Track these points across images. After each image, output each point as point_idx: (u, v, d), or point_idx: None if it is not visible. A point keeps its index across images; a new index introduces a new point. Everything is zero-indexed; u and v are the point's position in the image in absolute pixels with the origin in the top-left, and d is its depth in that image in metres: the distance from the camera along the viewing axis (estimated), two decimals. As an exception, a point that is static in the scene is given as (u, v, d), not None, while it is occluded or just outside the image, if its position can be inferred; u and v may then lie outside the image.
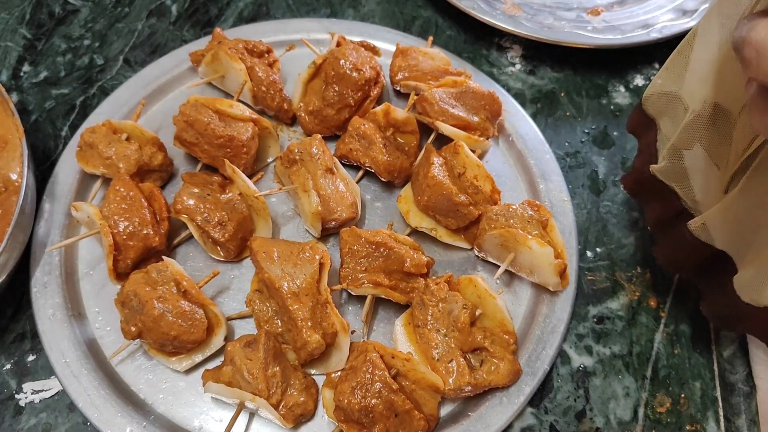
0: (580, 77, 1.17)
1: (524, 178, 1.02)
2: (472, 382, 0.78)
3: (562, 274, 0.87)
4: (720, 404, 0.88)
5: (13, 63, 1.12)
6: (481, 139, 0.98)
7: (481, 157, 0.99)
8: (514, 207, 0.89)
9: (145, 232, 0.84)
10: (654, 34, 1.13)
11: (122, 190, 0.86)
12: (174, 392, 0.81)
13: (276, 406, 0.75)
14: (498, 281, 0.90)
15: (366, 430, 0.75)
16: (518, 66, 1.18)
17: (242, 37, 1.07)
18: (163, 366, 0.82)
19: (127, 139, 0.94)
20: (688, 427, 0.86)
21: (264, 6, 1.22)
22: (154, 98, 1.05)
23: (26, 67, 1.11)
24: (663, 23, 1.15)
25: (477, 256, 0.94)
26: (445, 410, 0.82)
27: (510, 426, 0.84)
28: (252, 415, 0.80)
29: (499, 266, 0.89)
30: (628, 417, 0.86)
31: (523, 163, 1.03)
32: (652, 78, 1.18)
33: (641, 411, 0.86)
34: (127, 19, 1.18)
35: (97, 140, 0.91)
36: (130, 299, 0.78)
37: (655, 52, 1.22)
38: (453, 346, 0.81)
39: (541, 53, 1.19)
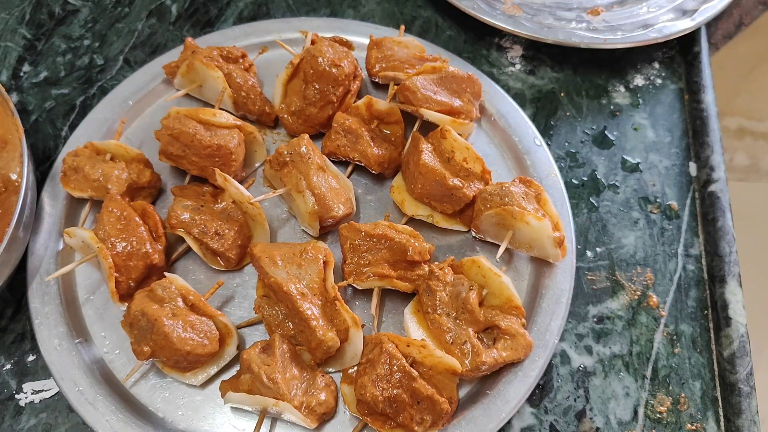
0: (580, 77, 1.17)
1: (510, 156, 1.03)
2: (488, 361, 0.79)
3: (561, 245, 0.88)
4: (720, 404, 0.88)
5: (13, 63, 1.11)
6: (466, 122, 0.99)
7: (465, 139, 0.99)
8: (506, 185, 0.89)
9: (144, 250, 0.83)
10: (654, 34, 1.13)
11: (116, 211, 0.84)
12: (193, 407, 0.81)
13: (299, 408, 0.75)
14: (499, 260, 0.91)
15: (391, 421, 0.76)
16: (518, 66, 1.18)
17: (213, 43, 1.06)
18: (178, 382, 0.82)
19: (112, 158, 0.92)
20: (688, 427, 0.86)
21: (264, 6, 1.22)
22: (130, 116, 1.03)
23: (26, 67, 1.11)
24: (663, 23, 1.15)
25: (474, 238, 0.95)
26: (463, 391, 0.83)
27: (510, 425, 0.84)
28: (274, 420, 0.80)
29: (497, 245, 0.90)
30: (628, 417, 0.86)
31: (508, 142, 1.04)
32: (652, 78, 1.19)
33: (641, 411, 0.86)
34: (127, 19, 1.18)
35: (82, 163, 0.89)
36: (138, 319, 0.77)
37: (655, 52, 1.22)
38: (465, 327, 0.82)
39: (541, 53, 1.19)
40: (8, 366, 0.84)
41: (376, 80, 1.06)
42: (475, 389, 0.84)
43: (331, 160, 0.97)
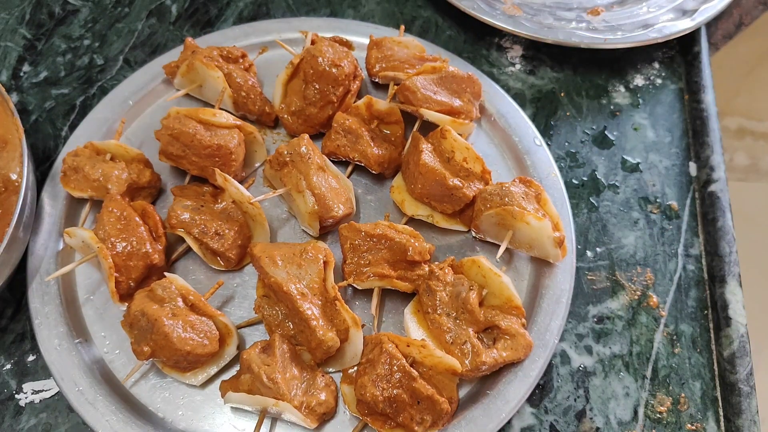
0: (580, 77, 1.17)
1: (510, 155, 1.04)
2: (488, 361, 0.79)
3: (561, 245, 0.88)
4: (720, 404, 0.88)
5: (13, 63, 1.11)
6: (466, 122, 0.99)
7: (465, 139, 1.00)
8: (506, 185, 0.89)
9: (144, 250, 0.83)
10: (654, 34, 1.13)
11: (116, 210, 0.84)
12: (192, 407, 0.81)
13: (299, 408, 0.75)
14: (499, 260, 0.91)
15: (391, 421, 0.76)
16: (518, 66, 1.18)
17: (213, 43, 1.06)
18: (178, 382, 0.82)
19: (112, 158, 0.92)
20: (688, 427, 0.86)
21: (264, 6, 1.22)
22: (130, 116, 1.03)
23: (26, 67, 1.11)
24: (663, 23, 1.15)
25: (474, 238, 0.95)
26: (463, 391, 0.83)
27: (510, 426, 0.84)
28: (274, 420, 0.80)
29: (497, 245, 0.90)
30: (628, 417, 0.86)
31: (508, 142, 1.04)
32: (652, 78, 1.19)
33: (641, 411, 0.86)
34: (127, 19, 1.18)
35: (82, 163, 0.90)
36: (138, 319, 0.77)
37: (655, 52, 1.22)
38: (465, 327, 0.82)
39: (541, 53, 1.19)
40: (8, 366, 0.84)
41: (376, 80, 1.07)
42: (475, 389, 0.84)
43: (331, 160, 0.97)
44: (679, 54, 1.22)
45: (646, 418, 0.86)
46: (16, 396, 0.82)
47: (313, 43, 1.04)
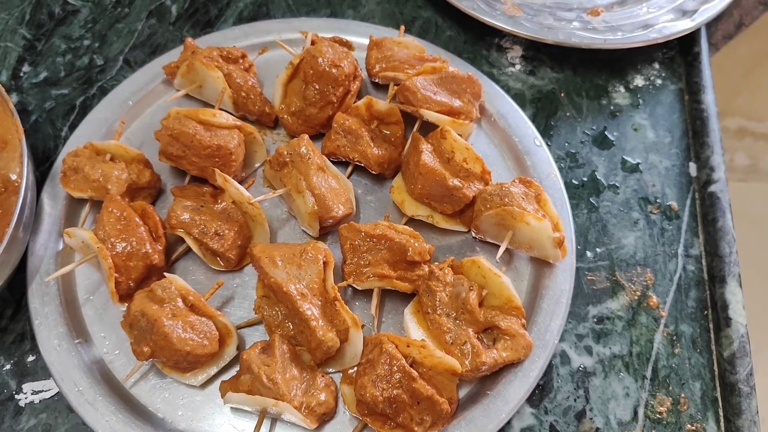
0: (580, 77, 1.17)
1: (510, 156, 1.04)
2: (488, 361, 0.79)
3: (561, 245, 0.88)
4: (720, 404, 0.88)
5: (13, 63, 1.11)
6: (466, 122, 0.99)
7: (465, 139, 1.00)
8: (506, 185, 0.89)
9: (143, 250, 0.83)
10: (654, 34, 1.13)
11: (115, 211, 0.84)
12: (192, 407, 0.81)
13: (299, 408, 0.75)
14: (498, 260, 0.91)
15: (391, 421, 0.76)
16: (518, 66, 1.18)
17: (213, 44, 1.06)
18: (178, 382, 0.82)
19: (112, 159, 0.92)
20: (688, 427, 0.86)
21: (264, 6, 1.22)
22: (130, 116, 1.02)
23: (26, 68, 1.11)
24: (663, 23, 1.15)
25: (474, 238, 0.95)
26: (463, 392, 0.83)
27: (510, 426, 0.84)
28: (274, 420, 0.80)
29: (497, 245, 0.90)
30: (628, 417, 0.86)
31: (508, 142, 1.04)
32: (652, 78, 1.19)
33: (641, 411, 0.86)
34: (127, 20, 1.18)
35: (81, 163, 0.89)
36: (138, 320, 0.77)
37: (655, 53, 1.22)
38: (465, 328, 0.82)
39: (541, 53, 1.20)
40: (8, 366, 0.84)
41: (376, 80, 1.07)
42: (475, 389, 0.84)
43: (331, 161, 0.97)
44: (679, 54, 1.22)
45: (646, 418, 0.86)
46: (16, 396, 0.82)
47: (313, 43, 1.04)
